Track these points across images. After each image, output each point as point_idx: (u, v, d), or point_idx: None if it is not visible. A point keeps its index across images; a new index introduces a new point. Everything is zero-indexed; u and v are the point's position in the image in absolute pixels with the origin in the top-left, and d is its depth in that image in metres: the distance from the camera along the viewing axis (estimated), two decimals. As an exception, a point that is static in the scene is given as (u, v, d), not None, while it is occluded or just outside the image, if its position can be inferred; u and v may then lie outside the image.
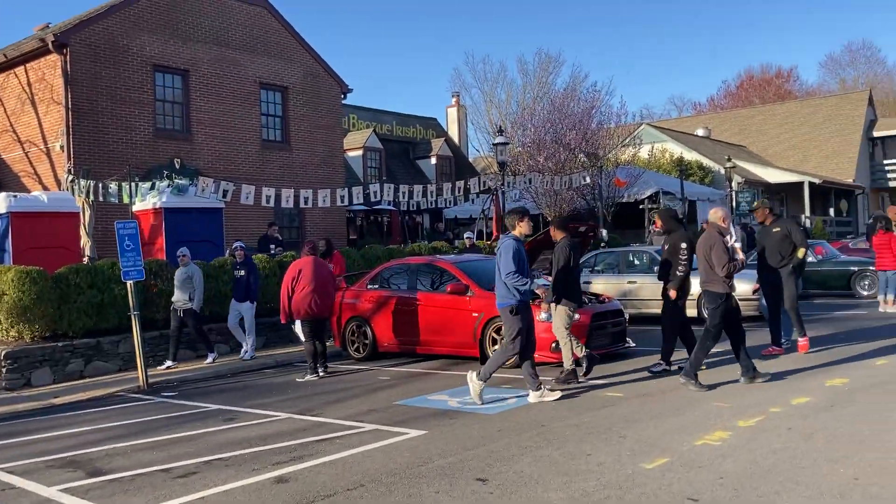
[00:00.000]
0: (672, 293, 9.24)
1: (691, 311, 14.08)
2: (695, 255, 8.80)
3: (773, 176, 36.93)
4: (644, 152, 31.17)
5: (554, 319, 9.16)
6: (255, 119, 21.86)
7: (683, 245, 9.24)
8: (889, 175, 44.85)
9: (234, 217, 19.06)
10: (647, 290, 14.07)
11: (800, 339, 10.03)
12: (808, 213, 34.69)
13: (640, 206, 25.74)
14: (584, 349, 9.03)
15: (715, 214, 8.80)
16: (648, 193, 26.00)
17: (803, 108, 47.83)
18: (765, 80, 68.79)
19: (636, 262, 15.59)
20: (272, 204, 16.27)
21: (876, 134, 44.93)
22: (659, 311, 9.97)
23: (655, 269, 11.28)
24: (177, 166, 19.41)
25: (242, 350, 13.16)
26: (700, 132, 42.40)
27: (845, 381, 8.06)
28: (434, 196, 21.77)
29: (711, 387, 8.11)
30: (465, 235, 18.76)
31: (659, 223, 9.69)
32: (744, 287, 13.73)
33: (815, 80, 73.70)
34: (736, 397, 7.63)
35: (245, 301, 13.07)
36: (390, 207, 26.30)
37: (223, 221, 16.50)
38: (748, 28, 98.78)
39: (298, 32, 23.28)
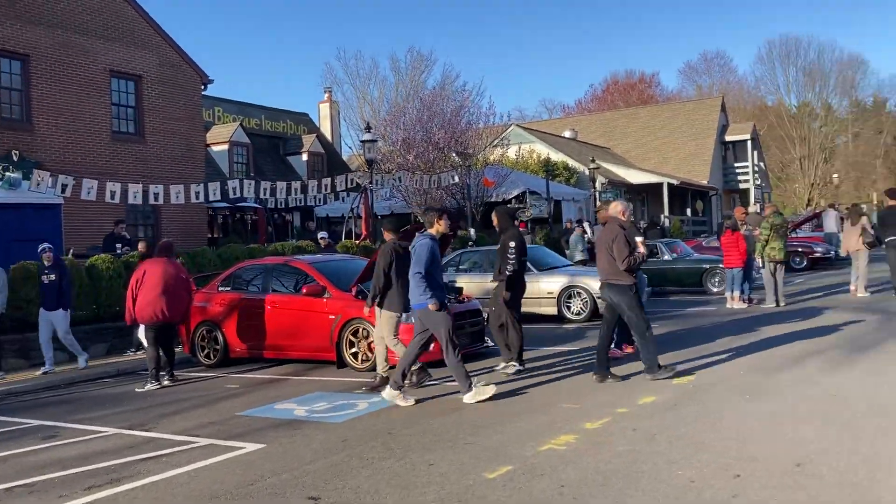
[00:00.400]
0: (505, 294, 9.22)
1: (550, 310, 14.33)
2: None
3: (635, 177, 38.38)
4: (512, 152, 31.57)
5: (380, 326, 8.88)
6: (105, 109, 20.43)
7: (512, 244, 9.24)
8: (739, 177, 47.71)
9: (83, 214, 17.70)
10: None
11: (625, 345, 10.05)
12: (667, 212, 36.24)
13: (508, 206, 26.02)
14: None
15: (615, 208, 8.73)
16: (516, 193, 26.36)
17: (663, 112, 50.09)
18: (629, 85, 71.82)
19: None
20: (118, 200, 15.15)
21: (728, 138, 47.64)
22: (522, 309, 9.88)
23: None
24: (15, 158, 17.86)
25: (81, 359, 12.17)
26: (567, 134, 43.48)
27: (691, 378, 8.21)
28: (300, 193, 21.13)
29: (680, 373, 8.21)
30: (320, 236, 17.97)
31: (496, 221, 9.61)
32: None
33: (675, 87, 77.68)
34: (586, 397, 7.61)
35: (57, 309, 11.85)
36: (256, 205, 25.31)
37: (62, 218, 15.25)
38: (616, 35, 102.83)
39: (154, 19, 21.99)
